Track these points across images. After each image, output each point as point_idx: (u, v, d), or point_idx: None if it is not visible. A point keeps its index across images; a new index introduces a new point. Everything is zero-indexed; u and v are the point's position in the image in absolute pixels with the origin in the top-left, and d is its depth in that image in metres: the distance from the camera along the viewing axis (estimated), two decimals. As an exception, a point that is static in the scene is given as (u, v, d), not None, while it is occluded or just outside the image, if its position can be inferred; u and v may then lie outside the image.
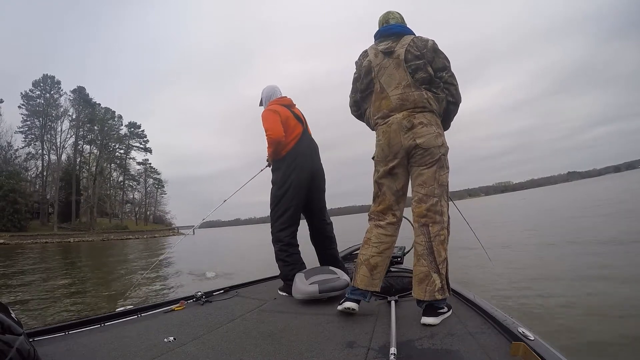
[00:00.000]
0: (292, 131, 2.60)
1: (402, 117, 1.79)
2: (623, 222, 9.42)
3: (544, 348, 1.13)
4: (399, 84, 1.83)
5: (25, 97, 49.79)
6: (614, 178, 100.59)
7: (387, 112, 1.85)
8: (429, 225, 1.73)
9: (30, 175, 49.01)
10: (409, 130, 1.77)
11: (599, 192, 29.10)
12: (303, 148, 2.62)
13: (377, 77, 1.90)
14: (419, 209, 1.77)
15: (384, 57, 1.88)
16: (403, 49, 1.84)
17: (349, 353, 1.36)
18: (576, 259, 5.98)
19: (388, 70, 1.86)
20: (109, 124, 58.70)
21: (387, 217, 1.90)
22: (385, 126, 1.85)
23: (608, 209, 13.76)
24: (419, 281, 1.70)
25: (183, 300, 2.39)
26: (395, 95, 1.83)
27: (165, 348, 1.54)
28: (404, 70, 1.83)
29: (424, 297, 1.66)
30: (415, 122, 1.78)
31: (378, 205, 1.93)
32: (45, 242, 35.37)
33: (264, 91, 2.86)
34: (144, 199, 65.94)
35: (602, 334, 2.97)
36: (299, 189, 2.55)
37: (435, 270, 1.67)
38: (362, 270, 1.86)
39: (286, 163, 2.57)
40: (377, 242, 1.87)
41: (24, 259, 16.26)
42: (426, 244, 1.71)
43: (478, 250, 3.93)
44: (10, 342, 1.08)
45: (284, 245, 2.53)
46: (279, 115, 2.55)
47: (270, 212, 2.63)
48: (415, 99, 1.79)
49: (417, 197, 1.79)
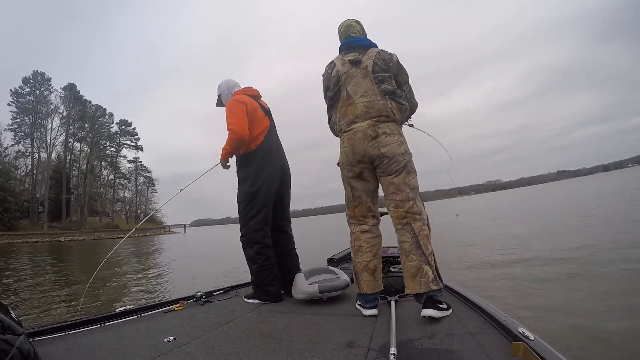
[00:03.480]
0: (260, 123, 2.41)
1: (367, 126, 1.85)
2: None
3: (544, 348, 1.14)
4: (365, 92, 1.88)
5: (15, 94, 49.02)
6: (603, 177, 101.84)
7: (353, 119, 1.90)
8: (411, 223, 1.79)
9: (19, 174, 48.17)
10: (374, 139, 1.83)
11: (601, 189, 29.24)
12: (273, 142, 2.47)
13: (345, 85, 1.94)
14: (398, 212, 1.82)
15: (351, 66, 1.93)
16: (370, 60, 1.90)
17: (349, 353, 1.37)
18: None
19: (355, 79, 1.92)
20: (99, 122, 58.02)
21: (369, 220, 1.97)
22: (350, 133, 1.89)
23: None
24: (412, 276, 1.73)
25: (183, 300, 2.38)
26: (362, 103, 1.88)
27: (165, 348, 1.53)
28: (370, 80, 1.89)
29: (420, 290, 1.70)
30: (380, 132, 1.83)
31: (354, 208, 1.98)
32: (35, 242, 34.87)
33: (220, 86, 2.63)
34: (135, 197, 65.29)
35: (601, 333, 3.01)
36: (271, 185, 2.39)
37: (426, 262, 1.72)
38: (365, 276, 1.90)
39: (258, 157, 2.37)
40: (369, 246, 1.92)
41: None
42: (412, 239, 1.76)
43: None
44: (11, 341, 1.07)
45: (262, 247, 2.33)
46: (245, 106, 2.35)
47: (241, 210, 2.39)
48: (380, 108, 1.86)
49: (394, 204, 1.84)
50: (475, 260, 6.87)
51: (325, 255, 3.20)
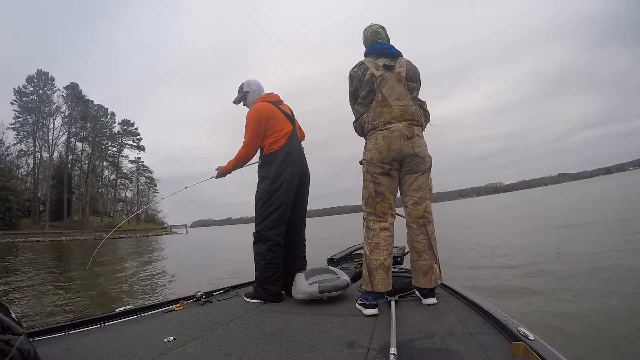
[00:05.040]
0: (281, 129, 2.46)
1: (404, 127, 1.96)
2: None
3: (544, 348, 1.14)
4: (399, 96, 2.00)
5: (19, 93, 49.05)
6: (605, 179, 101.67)
7: (389, 119, 1.98)
8: (426, 225, 1.99)
9: (21, 173, 48.50)
10: (409, 139, 1.96)
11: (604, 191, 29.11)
12: (295, 145, 2.51)
13: (379, 87, 2.02)
14: (417, 211, 1.99)
15: (385, 70, 2.03)
16: (403, 68, 2.04)
17: (349, 353, 1.37)
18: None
19: (389, 83, 2.01)
20: (101, 122, 58.07)
21: (389, 218, 2.02)
22: (386, 132, 1.98)
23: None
24: (424, 273, 1.96)
25: (183, 300, 2.39)
26: (398, 106, 1.99)
27: (165, 348, 1.53)
28: (404, 86, 2.02)
29: (431, 285, 1.95)
30: (415, 134, 1.98)
31: (377, 204, 2.02)
32: (36, 241, 34.92)
33: (250, 84, 2.65)
34: (136, 197, 65.39)
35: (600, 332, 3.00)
36: (292, 184, 2.43)
37: (435, 261, 1.97)
38: (380, 274, 1.92)
39: (280, 158, 2.41)
40: (387, 244, 1.97)
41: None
42: (426, 241, 1.97)
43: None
44: (11, 342, 1.07)
45: (274, 245, 2.35)
46: (264, 121, 2.43)
47: (258, 207, 2.41)
48: (413, 112, 2.00)
49: (413, 201, 2.01)
50: (480, 263, 6.86)
51: (325, 255, 3.20)
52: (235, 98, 2.70)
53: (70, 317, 4.77)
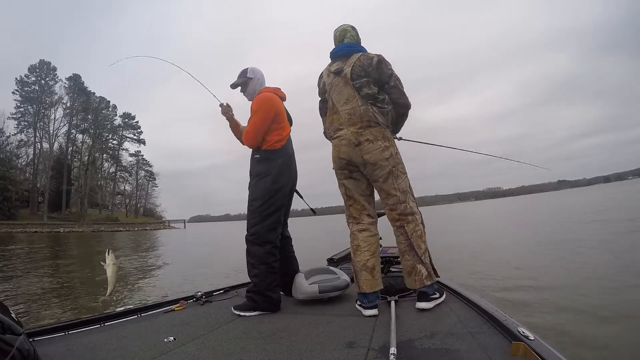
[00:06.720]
0: (286, 127, 2.35)
1: (351, 134, 1.94)
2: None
3: (544, 348, 1.14)
4: (347, 100, 1.97)
5: (20, 82, 49.01)
6: (604, 188, 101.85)
7: (338, 126, 2.00)
8: (404, 226, 1.93)
9: (21, 163, 48.34)
10: (356, 146, 1.93)
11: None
12: (291, 148, 2.40)
13: (330, 95, 2.04)
14: (391, 215, 1.97)
15: (335, 76, 2.03)
16: (349, 67, 1.97)
17: (349, 353, 1.37)
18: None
19: (337, 88, 2.01)
20: (103, 114, 58.11)
21: (364, 218, 2.04)
22: (337, 140, 2.01)
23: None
24: (408, 273, 1.92)
25: (183, 300, 2.38)
26: (345, 111, 1.97)
27: (165, 348, 1.53)
28: (351, 87, 1.96)
29: (415, 286, 1.89)
30: (362, 139, 1.92)
31: (350, 207, 2.08)
32: (34, 232, 34.97)
33: (255, 71, 2.41)
34: (135, 191, 65.38)
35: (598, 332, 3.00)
36: (291, 189, 2.37)
37: (419, 261, 1.89)
38: (364, 275, 1.93)
39: (282, 157, 2.27)
40: (367, 245, 1.99)
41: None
42: (406, 241, 1.92)
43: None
44: (11, 341, 1.07)
45: (274, 247, 2.19)
46: (273, 115, 2.26)
47: (258, 207, 2.20)
48: (361, 114, 1.93)
49: (387, 207, 1.99)
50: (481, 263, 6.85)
51: (325, 255, 3.21)
52: (235, 82, 2.42)
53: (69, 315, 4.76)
